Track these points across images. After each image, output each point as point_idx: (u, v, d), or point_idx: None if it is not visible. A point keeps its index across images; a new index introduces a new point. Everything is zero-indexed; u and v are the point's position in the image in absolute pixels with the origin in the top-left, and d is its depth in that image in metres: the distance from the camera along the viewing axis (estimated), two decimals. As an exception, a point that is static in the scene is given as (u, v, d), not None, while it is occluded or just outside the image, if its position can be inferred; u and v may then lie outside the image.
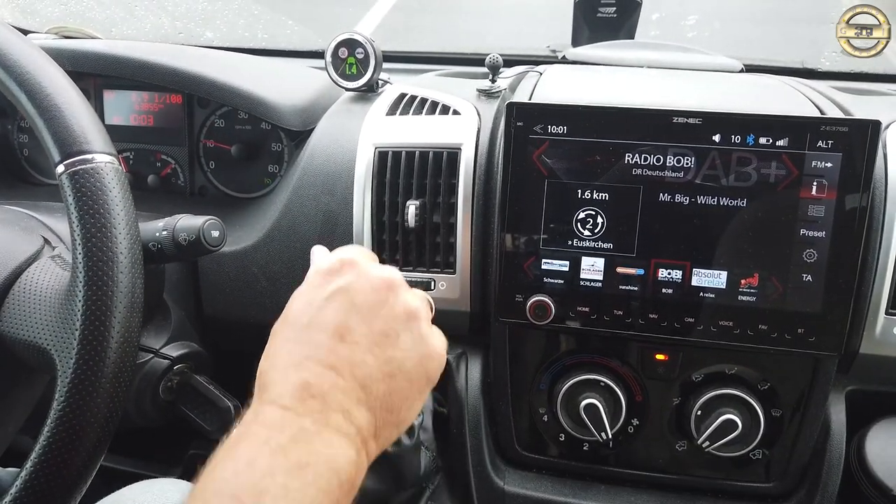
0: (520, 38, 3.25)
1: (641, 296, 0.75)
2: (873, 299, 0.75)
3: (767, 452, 0.79)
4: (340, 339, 0.48)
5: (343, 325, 0.49)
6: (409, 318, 0.52)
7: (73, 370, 0.54)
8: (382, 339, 0.50)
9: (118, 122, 1.09)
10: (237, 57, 1.15)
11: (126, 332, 0.56)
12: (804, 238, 0.71)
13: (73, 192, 0.57)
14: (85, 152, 0.58)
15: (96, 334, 0.55)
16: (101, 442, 0.56)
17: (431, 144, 0.83)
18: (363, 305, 0.50)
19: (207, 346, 0.88)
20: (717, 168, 0.72)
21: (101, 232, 0.56)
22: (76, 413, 0.54)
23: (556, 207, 0.75)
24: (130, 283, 0.57)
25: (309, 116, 0.99)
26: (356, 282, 0.51)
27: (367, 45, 0.98)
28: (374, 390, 0.48)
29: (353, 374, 0.48)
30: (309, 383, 0.46)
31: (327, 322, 0.49)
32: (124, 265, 0.57)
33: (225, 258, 0.91)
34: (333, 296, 0.50)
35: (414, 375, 0.51)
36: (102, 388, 0.55)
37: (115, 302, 0.56)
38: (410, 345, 0.51)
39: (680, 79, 1.00)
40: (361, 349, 0.49)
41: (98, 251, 0.56)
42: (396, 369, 0.50)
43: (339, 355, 0.48)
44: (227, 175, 1.07)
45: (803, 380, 0.77)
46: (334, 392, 0.46)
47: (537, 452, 0.85)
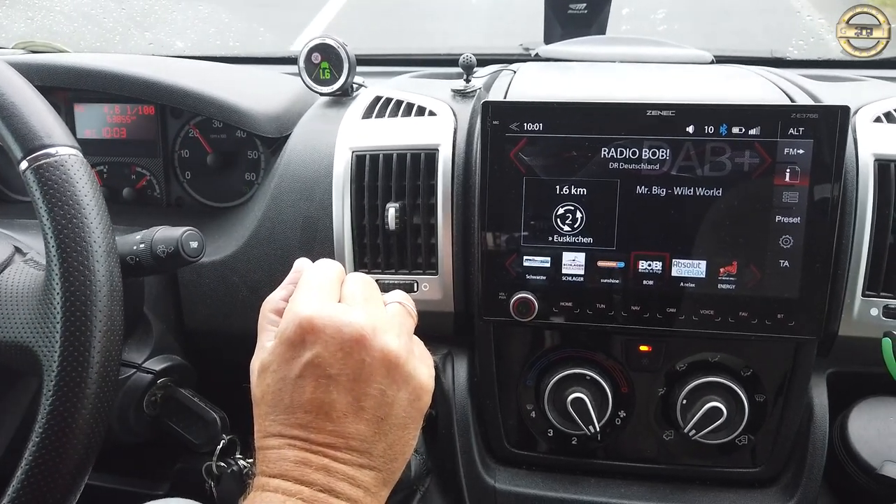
0: (461, 38, 3.25)
1: (623, 288, 0.75)
2: (850, 282, 0.76)
3: (753, 438, 0.80)
4: (327, 417, 0.48)
5: (326, 403, 0.48)
6: (390, 368, 0.49)
7: (58, 364, 0.54)
8: (369, 401, 0.48)
9: (90, 135, 1.08)
10: (209, 65, 1.14)
11: (109, 321, 0.55)
12: (780, 225, 0.72)
13: (38, 185, 0.56)
14: (47, 146, 0.57)
15: (78, 325, 0.54)
16: (94, 434, 0.55)
17: (409, 146, 0.83)
18: (339, 376, 0.48)
19: (191, 359, 0.87)
20: (692, 159, 0.73)
21: (71, 223, 0.56)
22: (66, 408, 0.53)
23: (535, 204, 0.76)
24: (108, 271, 0.56)
25: (284, 123, 0.99)
26: (324, 352, 0.48)
27: (340, 50, 0.98)
28: (374, 451, 0.49)
29: (349, 446, 0.48)
30: (308, 460, 0.47)
31: (308, 402, 0.48)
32: (100, 254, 0.56)
33: (205, 269, 0.91)
34: (305, 373, 0.48)
35: (408, 420, 0.51)
36: (91, 379, 0.54)
37: (95, 290, 0.55)
38: (397, 394, 0.50)
39: (652, 72, 1.01)
40: (350, 419, 0.48)
41: (71, 241, 0.55)
42: (391, 425, 0.49)
43: (331, 433, 0.48)
44: (203, 185, 1.06)
45: (785, 364, 0.78)
46: (335, 464, 0.47)
47: (527, 449, 0.85)
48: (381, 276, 0.83)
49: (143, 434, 0.81)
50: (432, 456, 0.84)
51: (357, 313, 0.50)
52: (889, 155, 0.76)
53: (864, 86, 0.99)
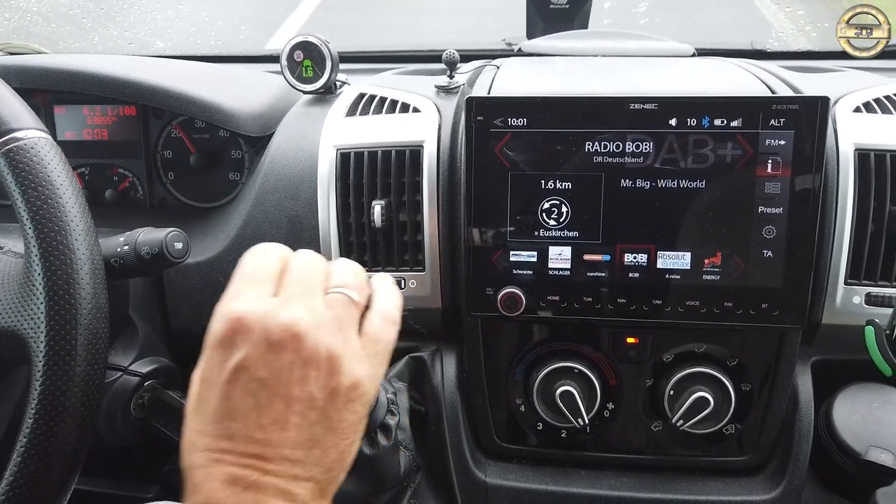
0: (443, 34, 3.24)
1: (609, 281, 0.76)
2: (832, 271, 0.77)
3: (739, 427, 0.81)
4: (256, 425, 0.44)
5: (254, 410, 0.44)
6: (323, 369, 0.45)
7: (45, 343, 0.53)
8: (300, 405, 0.45)
9: (71, 137, 1.06)
10: (190, 65, 1.13)
11: (94, 299, 0.55)
12: (763, 215, 0.73)
13: (10, 169, 0.55)
14: (14, 130, 0.57)
15: (62, 303, 0.54)
16: (86, 418, 0.54)
17: (393, 143, 0.83)
18: (269, 379, 0.44)
19: (178, 360, 0.86)
20: (675, 151, 0.73)
21: (47, 203, 0.55)
22: (57, 386, 0.52)
23: (521, 199, 0.76)
24: (88, 249, 0.56)
25: (267, 122, 0.98)
26: (253, 353, 0.45)
27: (322, 47, 0.97)
28: (308, 460, 0.45)
29: (281, 456, 0.44)
30: (236, 476, 0.43)
31: (237, 409, 0.44)
32: (78, 232, 0.55)
33: (190, 270, 0.90)
34: (234, 377, 0.45)
35: (345, 425, 0.47)
36: (79, 355, 0.53)
37: (76, 268, 0.54)
38: (331, 397, 0.46)
39: (634, 66, 1.01)
40: (280, 427, 0.44)
41: (48, 222, 0.55)
42: (325, 430, 0.46)
43: (259, 441, 0.44)
44: (187, 185, 1.05)
45: (770, 353, 0.79)
46: (266, 478, 0.43)
47: (516, 443, 0.85)
48: (369, 274, 0.83)
49: (130, 437, 0.80)
50: (422, 452, 0.84)
51: (290, 309, 0.46)
52: (869, 144, 0.77)
53: (843, 76, 1.00)
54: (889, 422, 0.76)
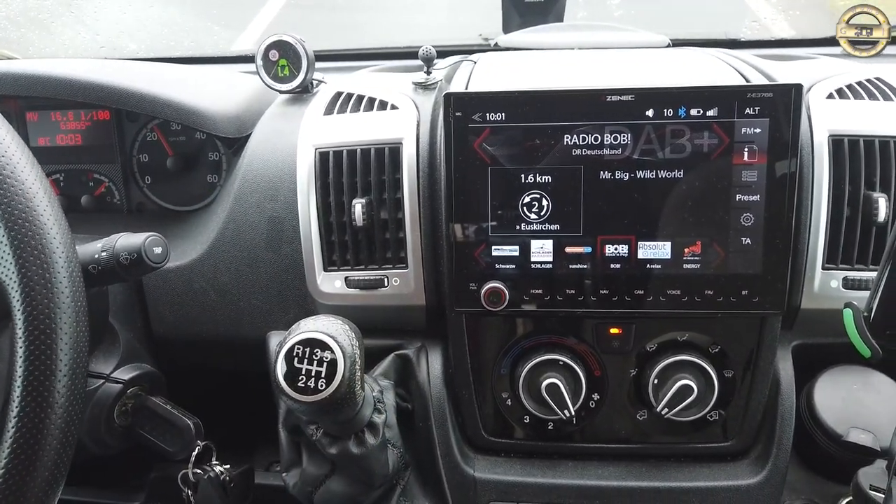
0: (410, 31, 3.22)
1: (591, 273, 0.76)
2: (810, 256, 0.78)
3: (723, 413, 0.82)
4: None
5: None
6: None
7: (23, 360, 0.52)
8: None
9: (44, 143, 1.05)
10: (164, 67, 1.12)
11: (74, 313, 0.54)
12: (740, 203, 0.73)
13: None
14: None
15: (41, 317, 0.53)
16: (71, 415, 0.54)
17: (372, 141, 0.83)
18: None
19: (160, 366, 0.86)
20: (652, 142, 0.74)
21: (23, 216, 0.54)
22: (38, 402, 0.52)
23: (502, 193, 0.76)
24: (67, 262, 0.55)
25: (244, 122, 0.97)
26: None
27: (298, 46, 0.97)
28: None
29: None
30: None
31: None
32: (56, 245, 0.55)
33: (170, 274, 0.89)
34: None
35: None
36: (59, 371, 0.53)
37: (55, 285, 0.54)
38: None
39: (610, 58, 1.02)
40: None
41: (24, 235, 0.54)
42: None
43: None
44: (164, 189, 1.04)
45: (751, 339, 0.80)
46: None
47: (504, 437, 0.86)
48: (351, 273, 0.83)
49: (115, 445, 0.80)
50: (410, 449, 0.84)
51: None
52: (842, 131, 0.78)
53: (815, 64, 1.01)
54: (869, 403, 0.78)
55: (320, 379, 0.63)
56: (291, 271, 0.87)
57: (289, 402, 0.65)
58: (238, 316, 0.89)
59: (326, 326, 0.65)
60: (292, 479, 0.79)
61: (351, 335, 0.66)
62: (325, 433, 0.73)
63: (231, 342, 0.90)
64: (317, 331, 0.64)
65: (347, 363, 0.64)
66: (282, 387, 0.63)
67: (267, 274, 0.88)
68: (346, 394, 0.64)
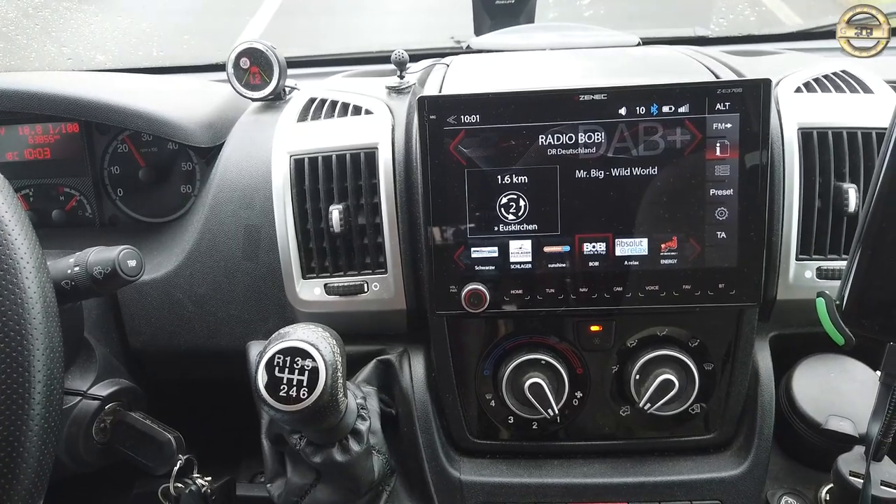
0: (391, 35, 3.22)
1: (570, 272, 0.77)
2: (784, 248, 0.79)
3: (705, 406, 0.82)
4: None
5: None
6: None
7: None
8: None
9: (12, 158, 1.03)
10: (133, 78, 1.10)
11: (47, 335, 0.53)
12: (714, 198, 0.74)
13: None
14: None
15: (14, 344, 0.52)
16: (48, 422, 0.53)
17: (347, 147, 0.83)
18: None
19: (138, 381, 0.84)
20: (626, 140, 0.74)
21: None
22: (14, 426, 0.51)
23: (479, 195, 0.76)
24: (39, 285, 0.54)
25: (217, 131, 0.96)
26: None
27: (269, 53, 0.96)
28: None
29: None
30: None
31: None
32: (24, 263, 0.54)
33: (146, 287, 0.88)
34: None
35: None
36: (38, 393, 0.52)
37: (28, 307, 0.53)
38: None
39: (582, 58, 1.02)
40: None
41: None
42: None
43: None
44: (137, 201, 1.03)
45: (729, 332, 0.81)
46: None
47: (489, 438, 0.86)
48: (330, 280, 0.83)
49: (94, 463, 0.78)
50: (395, 455, 0.84)
51: None
52: (811, 123, 0.80)
53: (783, 58, 1.03)
54: (846, 391, 0.79)
55: (302, 388, 0.63)
56: (269, 280, 0.86)
57: (271, 412, 0.64)
58: (216, 327, 0.88)
59: (307, 334, 0.65)
60: (277, 489, 0.79)
61: (332, 342, 0.66)
62: (308, 442, 0.72)
63: (210, 353, 0.89)
64: (297, 339, 0.64)
65: (329, 371, 0.63)
66: (263, 397, 0.63)
67: (244, 283, 0.87)
68: (328, 402, 0.64)
